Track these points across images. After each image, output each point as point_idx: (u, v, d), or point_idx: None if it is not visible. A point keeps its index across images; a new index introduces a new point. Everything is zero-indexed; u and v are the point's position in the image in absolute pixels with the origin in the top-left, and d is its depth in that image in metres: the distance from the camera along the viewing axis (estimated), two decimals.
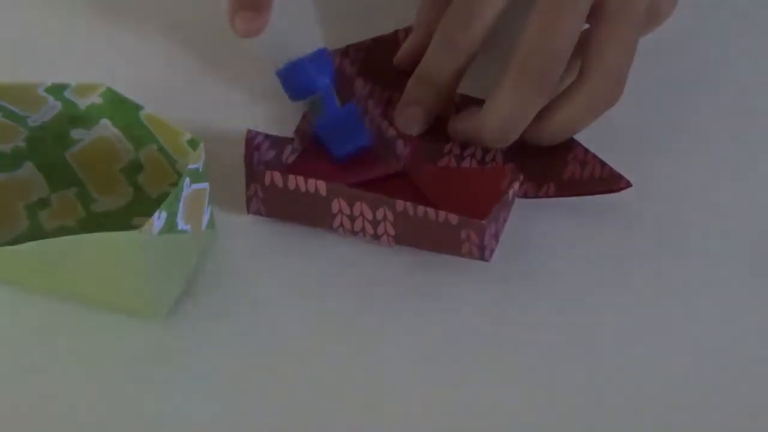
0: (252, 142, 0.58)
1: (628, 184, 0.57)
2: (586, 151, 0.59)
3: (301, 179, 0.56)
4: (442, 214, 0.54)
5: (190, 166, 0.53)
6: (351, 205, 0.56)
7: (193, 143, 0.54)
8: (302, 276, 0.56)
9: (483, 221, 0.54)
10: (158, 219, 0.52)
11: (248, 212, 0.58)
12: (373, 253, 0.57)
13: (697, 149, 0.61)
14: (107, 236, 0.51)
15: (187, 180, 0.53)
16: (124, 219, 0.58)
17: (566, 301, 0.56)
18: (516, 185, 0.56)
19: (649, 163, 0.61)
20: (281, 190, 0.56)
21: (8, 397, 0.52)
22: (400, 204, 0.55)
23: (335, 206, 0.56)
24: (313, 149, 0.60)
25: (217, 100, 0.63)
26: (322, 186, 0.56)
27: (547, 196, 0.58)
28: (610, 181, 0.57)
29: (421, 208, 0.55)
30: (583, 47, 0.59)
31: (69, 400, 0.52)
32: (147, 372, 0.53)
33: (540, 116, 0.58)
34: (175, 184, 0.58)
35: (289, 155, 0.59)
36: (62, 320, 0.55)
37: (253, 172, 0.56)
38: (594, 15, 0.58)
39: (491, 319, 0.55)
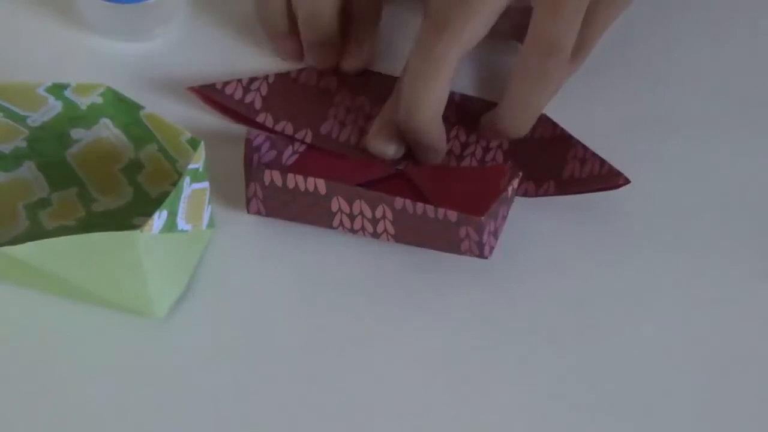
0: (252, 143, 0.58)
1: (627, 181, 0.57)
2: (585, 149, 0.59)
3: (300, 178, 0.56)
4: (441, 211, 0.55)
5: (191, 166, 0.53)
6: (350, 204, 0.56)
7: (193, 143, 0.54)
8: (302, 276, 0.56)
9: (481, 218, 0.54)
10: (158, 219, 0.52)
11: (248, 212, 0.58)
12: (373, 253, 0.57)
13: (696, 147, 0.61)
14: (107, 236, 0.51)
15: (188, 179, 0.53)
16: (124, 219, 0.58)
17: (566, 299, 0.56)
18: (515, 182, 0.56)
19: (648, 161, 0.61)
20: (281, 189, 0.56)
21: (8, 395, 0.53)
22: (399, 202, 0.55)
23: (335, 204, 0.56)
24: (313, 152, 0.60)
25: None
26: (321, 184, 0.56)
27: (547, 194, 0.58)
28: (609, 179, 0.58)
29: (420, 206, 0.55)
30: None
31: (68, 400, 0.52)
32: (147, 372, 0.53)
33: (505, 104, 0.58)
34: (175, 184, 0.58)
35: (289, 156, 0.59)
36: (62, 320, 0.55)
37: (252, 171, 0.56)
38: None
39: (490, 318, 0.55)
